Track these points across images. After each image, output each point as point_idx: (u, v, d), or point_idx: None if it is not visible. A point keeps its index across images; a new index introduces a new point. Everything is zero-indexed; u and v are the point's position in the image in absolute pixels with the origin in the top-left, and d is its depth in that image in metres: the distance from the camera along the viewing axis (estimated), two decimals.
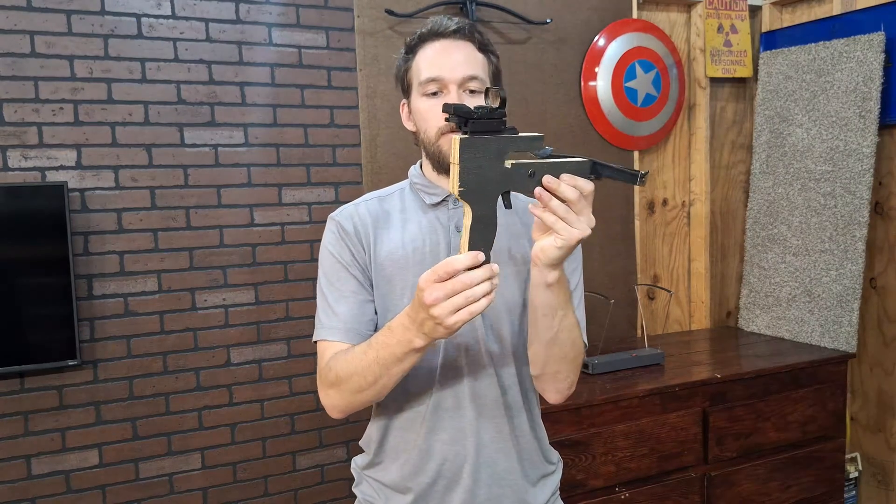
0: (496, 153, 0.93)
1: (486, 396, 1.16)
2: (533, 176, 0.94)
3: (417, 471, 1.16)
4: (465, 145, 0.92)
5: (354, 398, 1.08)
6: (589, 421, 1.89)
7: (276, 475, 2.09)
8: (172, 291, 1.96)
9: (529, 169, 0.94)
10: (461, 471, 1.16)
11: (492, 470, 1.17)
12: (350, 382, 1.06)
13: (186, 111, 1.95)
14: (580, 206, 0.92)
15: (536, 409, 1.26)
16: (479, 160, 0.92)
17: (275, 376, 2.08)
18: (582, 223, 0.92)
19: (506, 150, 0.94)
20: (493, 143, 0.93)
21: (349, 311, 1.14)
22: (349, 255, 1.16)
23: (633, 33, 2.50)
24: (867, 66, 2.32)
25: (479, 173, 0.93)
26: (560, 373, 1.13)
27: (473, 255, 0.91)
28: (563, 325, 1.06)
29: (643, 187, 2.61)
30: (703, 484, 2.06)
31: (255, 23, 2.00)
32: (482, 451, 1.16)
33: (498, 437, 1.17)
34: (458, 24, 1.16)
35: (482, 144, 0.92)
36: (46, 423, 1.84)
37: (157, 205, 1.94)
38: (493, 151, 0.93)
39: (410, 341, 0.97)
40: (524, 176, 0.94)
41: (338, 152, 2.12)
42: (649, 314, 2.68)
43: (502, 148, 0.94)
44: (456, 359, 1.15)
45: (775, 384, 2.17)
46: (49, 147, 1.82)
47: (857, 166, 2.33)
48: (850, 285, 2.34)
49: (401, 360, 1.00)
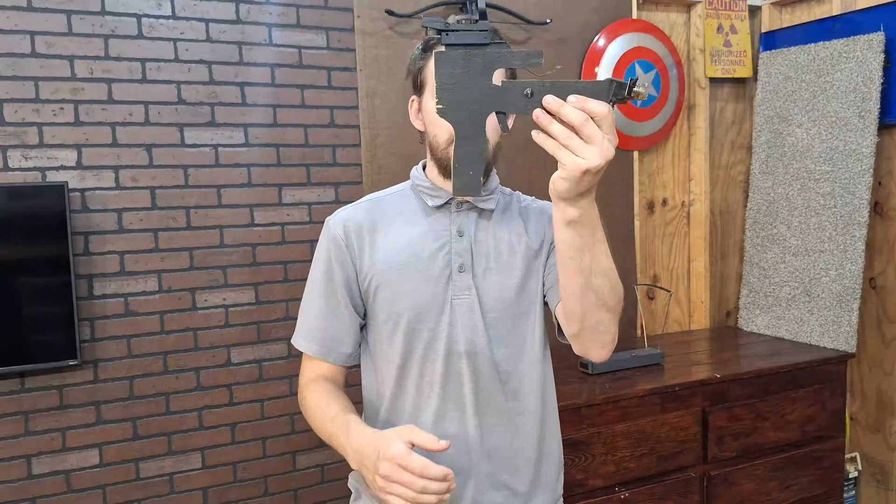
0: (481, 68, 0.85)
1: (491, 405, 1.14)
2: (531, 96, 0.84)
3: None
4: (440, 59, 0.85)
5: (310, 423, 1.18)
6: (588, 421, 1.90)
7: (277, 475, 2.09)
8: (173, 291, 1.96)
9: (526, 87, 0.85)
10: (467, 482, 1.13)
11: (497, 479, 1.15)
12: (311, 422, 1.17)
13: (187, 111, 1.95)
14: (588, 132, 0.81)
15: (552, 415, 1.22)
16: (458, 75, 0.85)
17: (275, 376, 2.08)
18: (590, 151, 0.81)
19: (493, 65, 0.86)
20: (477, 58, 0.85)
21: (328, 327, 1.18)
22: (336, 270, 1.17)
23: (633, 33, 2.50)
24: (867, 67, 2.32)
25: (459, 90, 0.85)
26: (601, 323, 1.04)
27: (446, 475, 0.94)
28: (595, 269, 0.98)
29: (642, 186, 2.61)
30: (702, 484, 2.06)
31: (255, 23, 2.00)
32: (487, 460, 1.14)
33: (504, 445, 1.15)
34: (480, 26, 1.13)
35: (461, 58, 0.85)
36: (47, 423, 1.85)
37: (158, 205, 1.94)
38: (477, 66, 0.85)
39: (346, 454, 1.05)
40: (519, 95, 0.85)
41: (338, 152, 2.12)
42: (649, 314, 2.68)
43: (489, 63, 0.85)
44: (459, 366, 1.13)
45: (775, 384, 2.17)
46: (49, 147, 1.82)
47: (857, 166, 2.33)
48: (850, 285, 2.34)
49: (338, 449, 1.09)
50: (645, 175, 2.62)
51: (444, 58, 0.85)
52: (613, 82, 0.84)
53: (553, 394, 1.24)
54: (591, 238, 0.96)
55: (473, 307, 1.13)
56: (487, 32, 0.87)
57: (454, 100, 0.86)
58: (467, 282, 1.14)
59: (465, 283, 1.14)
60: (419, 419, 1.14)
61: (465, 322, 1.13)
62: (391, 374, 1.16)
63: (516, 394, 1.17)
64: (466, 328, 1.13)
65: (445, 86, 0.85)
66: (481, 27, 0.87)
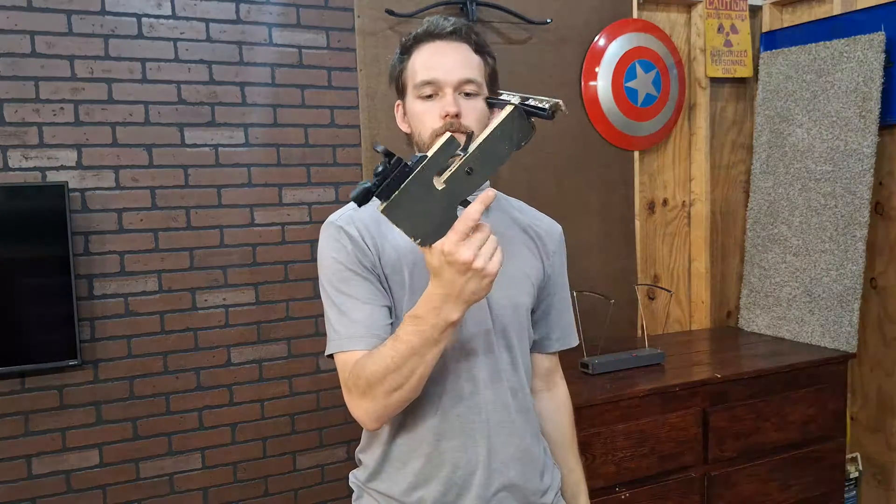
0: (424, 191, 0.88)
1: (496, 400, 1.14)
2: (472, 173, 0.89)
3: (427, 480, 1.12)
4: (390, 213, 0.87)
5: (391, 399, 1.01)
6: (589, 421, 1.89)
7: (277, 475, 2.09)
8: (173, 291, 1.96)
9: (465, 167, 0.89)
10: (472, 477, 1.12)
11: (503, 475, 1.14)
12: (385, 383, 1.00)
13: (187, 111, 1.95)
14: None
15: None
16: (416, 209, 0.87)
17: (275, 376, 2.08)
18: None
19: (427, 179, 0.88)
20: (414, 186, 0.87)
21: (368, 316, 1.07)
22: (355, 260, 1.09)
23: (634, 33, 2.50)
24: (867, 66, 2.31)
25: (425, 219, 0.88)
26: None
27: (484, 196, 0.89)
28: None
29: (643, 186, 2.61)
30: (703, 484, 2.06)
31: (255, 23, 2.00)
32: (494, 456, 1.13)
33: (509, 441, 1.15)
34: (455, 25, 1.13)
35: (404, 197, 0.87)
36: (47, 423, 1.85)
37: (158, 205, 1.94)
38: (420, 192, 0.87)
39: (447, 318, 0.94)
40: (464, 176, 0.89)
41: (338, 152, 2.12)
42: (649, 314, 2.68)
43: (423, 182, 0.87)
44: (465, 362, 1.12)
45: (775, 384, 2.17)
46: (49, 147, 1.82)
47: (858, 166, 2.33)
48: (851, 285, 2.34)
49: (437, 342, 0.97)
50: (645, 175, 2.62)
51: (392, 210, 0.87)
52: (517, 109, 0.91)
53: None
54: None
55: (483, 306, 1.14)
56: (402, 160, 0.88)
57: (425, 229, 0.89)
58: None
59: None
60: (424, 416, 1.12)
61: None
62: None
63: (520, 389, 1.19)
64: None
65: (414, 225, 0.88)
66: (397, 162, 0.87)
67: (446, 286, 0.92)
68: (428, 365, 0.99)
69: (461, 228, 0.88)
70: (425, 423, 1.12)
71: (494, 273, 0.90)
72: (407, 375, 0.98)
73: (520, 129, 0.92)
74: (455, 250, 0.88)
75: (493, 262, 0.90)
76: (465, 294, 0.92)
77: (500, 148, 0.91)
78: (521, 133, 0.92)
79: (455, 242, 0.88)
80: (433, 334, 0.95)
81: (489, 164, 0.91)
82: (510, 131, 0.89)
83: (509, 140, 0.91)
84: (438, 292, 0.93)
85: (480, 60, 1.14)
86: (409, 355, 0.97)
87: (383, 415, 1.04)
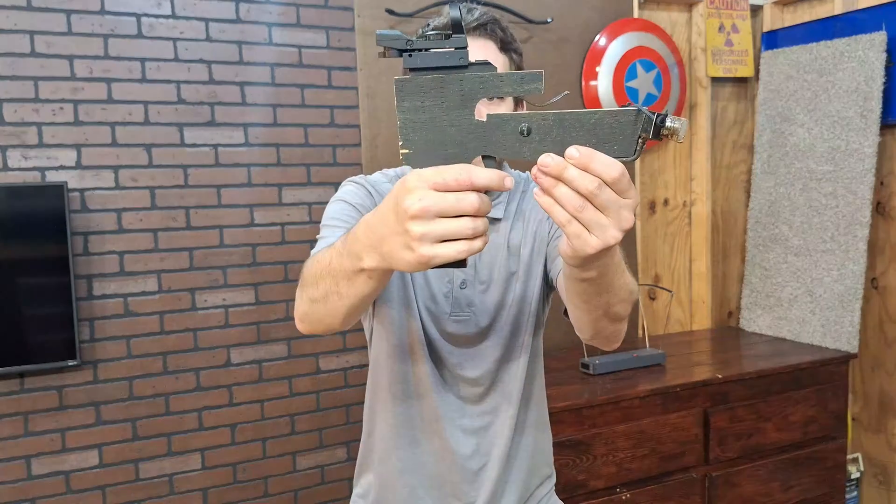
0: (459, 99, 0.65)
1: (488, 403, 1.14)
2: (528, 134, 0.64)
3: (422, 487, 1.14)
4: (403, 89, 0.66)
5: (312, 308, 0.88)
6: (590, 421, 1.89)
7: (277, 476, 2.09)
8: (172, 291, 1.96)
9: (521, 122, 0.64)
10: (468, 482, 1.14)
11: (494, 483, 1.14)
12: (306, 290, 0.87)
13: (186, 111, 1.95)
14: (601, 200, 0.62)
15: (542, 411, 1.23)
16: (429, 108, 0.66)
17: (275, 377, 2.07)
18: (603, 227, 0.63)
19: (475, 94, 0.66)
20: (453, 85, 0.65)
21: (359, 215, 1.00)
22: (364, 205, 1.06)
23: (634, 33, 2.49)
24: (869, 66, 2.31)
25: (432, 128, 0.66)
26: (615, 332, 0.94)
27: (501, 176, 0.63)
28: (612, 301, 0.84)
29: (644, 185, 2.61)
30: (704, 485, 2.05)
31: (255, 22, 2.00)
32: (488, 462, 1.14)
33: (503, 444, 1.14)
34: (480, 18, 1.04)
35: (431, 86, 0.65)
36: (46, 424, 1.84)
37: (157, 205, 1.94)
38: (454, 97, 0.65)
39: (359, 255, 0.74)
40: (512, 133, 0.65)
41: (338, 152, 2.12)
42: (650, 314, 2.67)
43: (469, 92, 0.65)
44: (451, 362, 1.12)
45: (777, 384, 2.16)
46: (49, 147, 1.82)
47: (859, 166, 2.32)
48: (852, 285, 2.34)
49: (349, 280, 0.78)
50: (646, 175, 2.61)
51: (408, 87, 0.66)
52: (642, 114, 0.63)
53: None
54: (608, 280, 0.80)
55: (469, 324, 1.13)
56: (465, 50, 0.65)
57: (425, 140, 0.66)
58: (468, 298, 1.12)
59: (467, 300, 1.12)
60: (412, 424, 1.14)
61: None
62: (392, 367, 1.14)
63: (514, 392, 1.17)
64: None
65: (412, 123, 0.66)
66: (457, 43, 0.65)
67: (377, 217, 0.70)
68: (343, 299, 0.82)
69: (446, 176, 0.62)
70: (417, 433, 1.14)
71: (425, 261, 0.64)
72: (323, 293, 0.84)
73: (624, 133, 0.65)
74: (414, 186, 0.63)
75: (440, 249, 0.63)
76: (385, 246, 0.68)
77: (585, 138, 0.64)
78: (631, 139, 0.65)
79: (422, 179, 0.63)
80: (346, 264, 0.78)
81: (552, 141, 0.64)
82: (610, 130, 0.64)
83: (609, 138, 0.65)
84: (369, 218, 0.73)
85: (506, 59, 1.07)
86: (327, 273, 0.82)
87: (305, 319, 0.92)
